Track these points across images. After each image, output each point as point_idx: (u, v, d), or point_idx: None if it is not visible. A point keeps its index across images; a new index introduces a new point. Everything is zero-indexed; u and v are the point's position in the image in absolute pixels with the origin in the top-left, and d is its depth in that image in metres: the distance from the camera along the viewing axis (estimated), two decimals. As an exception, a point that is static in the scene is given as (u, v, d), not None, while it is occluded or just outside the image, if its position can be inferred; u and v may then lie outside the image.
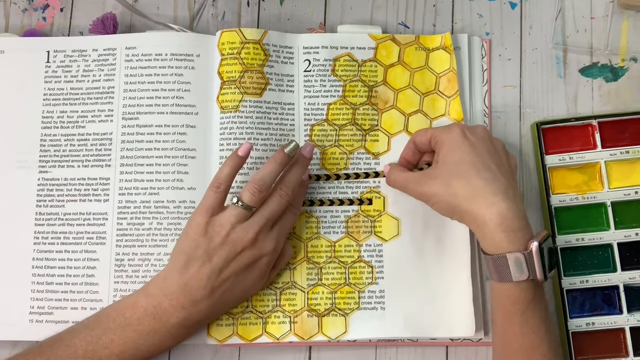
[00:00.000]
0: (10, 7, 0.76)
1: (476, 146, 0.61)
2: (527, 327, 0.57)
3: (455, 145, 0.61)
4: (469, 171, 0.59)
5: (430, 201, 0.62)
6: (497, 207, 0.56)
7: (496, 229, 0.56)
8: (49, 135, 0.70)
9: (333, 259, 0.68)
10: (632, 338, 0.68)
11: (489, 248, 0.57)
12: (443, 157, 0.61)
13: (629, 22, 0.74)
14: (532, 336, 0.57)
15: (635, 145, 0.70)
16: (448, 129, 0.63)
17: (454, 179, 0.59)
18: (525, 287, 0.57)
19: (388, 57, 0.71)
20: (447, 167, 0.60)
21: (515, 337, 0.58)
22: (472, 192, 0.58)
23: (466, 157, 0.60)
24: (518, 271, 0.56)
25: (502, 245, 0.56)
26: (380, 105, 0.71)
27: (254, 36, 0.70)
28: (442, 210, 0.61)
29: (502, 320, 0.59)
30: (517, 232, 0.56)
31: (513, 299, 0.57)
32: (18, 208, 0.69)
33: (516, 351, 0.58)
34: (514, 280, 0.56)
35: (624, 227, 0.69)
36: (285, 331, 0.66)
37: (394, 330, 0.67)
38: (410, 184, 0.63)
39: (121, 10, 0.74)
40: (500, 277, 0.57)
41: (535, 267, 0.56)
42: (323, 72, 0.71)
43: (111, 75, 0.70)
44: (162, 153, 0.68)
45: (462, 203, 0.58)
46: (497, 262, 0.56)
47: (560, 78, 0.73)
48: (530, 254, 0.56)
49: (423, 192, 0.62)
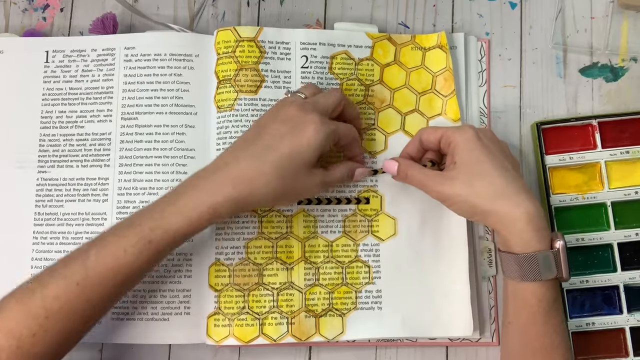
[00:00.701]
0: (10, 7, 0.76)
1: (490, 148, 0.61)
2: (550, 326, 0.57)
3: (472, 145, 0.61)
4: (490, 171, 0.59)
5: (450, 201, 0.61)
6: (524, 206, 0.57)
7: (525, 228, 0.56)
8: (47, 135, 0.70)
9: (330, 258, 0.68)
10: (632, 338, 0.68)
11: (517, 247, 0.57)
12: (461, 158, 0.61)
13: (629, 22, 0.74)
14: (554, 336, 0.57)
15: (635, 145, 0.70)
16: (461, 130, 0.62)
17: (476, 179, 0.59)
18: (551, 286, 0.57)
19: (384, 57, 0.71)
20: (467, 168, 0.60)
21: (537, 336, 0.58)
22: (495, 192, 0.58)
23: (485, 157, 0.60)
24: (547, 269, 0.56)
25: (532, 244, 0.56)
26: (376, 105, 0.71)
27: (249, 34, 0.70)
28: (462, 210, 0.61)
29: (524, 320, 0.58)
30: (543, 231, 0.57)
31: (538, 297, 0.57)
32: (17, 208, 0.69)
33: (536, 350, 0.58)
34: (542, 279, 0.56)
35: (624, 227, 0.69)
36: (282, 332, 0.66)
37: (392, 330, 0.67)
38: (429, 183, 0.62)
39: (121, 10, 0.75)
40: (524, 276, 0.57)
41: (562, 265, 0.56)
42: (320, 69, 0.70)
43: (110, 75, 0.71)
44: (161, 153, 0.69)
45: (486, 203, 0.58)
46: (525, 261, 0.56)
47: (560, 78, 0.73)
48: (558, 253, 0.56)
49: (443, 192, 0.61)
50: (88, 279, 0.55)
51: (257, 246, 0.67)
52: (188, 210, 0.57)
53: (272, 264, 0.67)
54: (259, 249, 0.67)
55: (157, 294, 0.67)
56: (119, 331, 0.67)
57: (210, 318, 0.66)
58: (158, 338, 0.67)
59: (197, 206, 0.57)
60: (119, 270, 0.56)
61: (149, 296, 0.67)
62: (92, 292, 0.55)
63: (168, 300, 0.67)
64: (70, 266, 0.56)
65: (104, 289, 0.56)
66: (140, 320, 0.67)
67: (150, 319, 0.67)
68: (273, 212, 0.68)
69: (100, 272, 0.55)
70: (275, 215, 0.68)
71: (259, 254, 0.67)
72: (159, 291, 0.67)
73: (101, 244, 0.56)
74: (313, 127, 0.59)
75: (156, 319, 0.67)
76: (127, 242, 0.56)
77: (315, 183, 0.62)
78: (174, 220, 0.57)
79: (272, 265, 0.67)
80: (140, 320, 0.67)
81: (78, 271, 0.55)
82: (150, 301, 0.67)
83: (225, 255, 0.67)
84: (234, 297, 0.66)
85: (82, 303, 0.55)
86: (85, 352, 0.69)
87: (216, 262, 0.67)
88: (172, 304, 0.67)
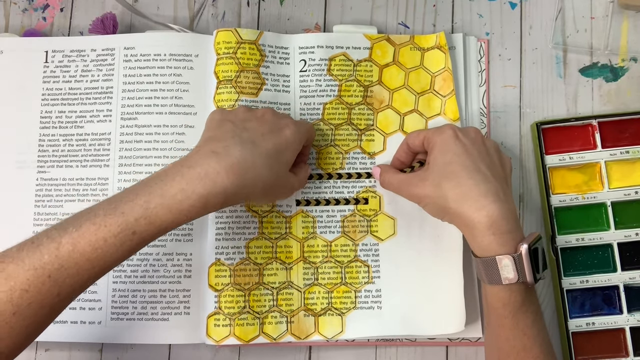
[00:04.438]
0: (10, 7, 0.76)
1: (467, 148, 0.60)
2: (518, 329, 0.57)
3: (447, 147, 0.60)
4: (459, 173, 0.58)
5: (422, 202, 0.62)
6: (486, 209, 0.56)
7: (485, 232, 0.56)
8: (47, 135, 0.70)
9: (329, 258, 0.68)
10: (632, 338, 0.68)
11: (479, 250, 0.57)
12: (434, 158, 0.61)
13: (629, 22, 0.74)
14: (524, 339, 0.57)
15: (635, 145, 0.70)
16: (440, 131, 0.62)
17: (444, 180, 0.59)
18: (516, 289, 0.56)
19: (383, 57, 0.71)
20: (437, 168, 0.60)
21: (507, 339, 0.57)
22: (462, 194, 0.57)
23: (457, 158, 0.59)
24: (507, 274, 0.55)
25: (492, 248, 0.56)
26: (375, 105, 0.71)
27: (250, 37, 0.70)
28: (433, 211, 0.61)
29: (494, 323, 0.58)
30: (507, 235, 0.56)
31: (504, 301, 0.57)
32: (16, 208, 0.69)
33: (508, 354, 0.57)
34: (503, 283, 0.56)
35: (624, 227, 0.69)
36: (282, 331, 0.66)
37: (391, 329, 0.67)
38: (402, 186, 0.64)
39: (121, 10, 0.75)
40: (490, 279, 0.56)
41: (525, 269, 0.55)
42: (319, 72, 0.70)
43: (110, 75, 0.71)
44: (161, 153, 0.69)
45: (452, 205, 0.58)
46: (486, 264, 0.56)
47: (560, 78, 0.73)
48: (520, 257, 0.55)
49: (414, 194, 0.62)
50: (62, 269, 0.50)
51: (258, 246, 0.68)
52: (177, 203, 0.53)
53: (271, 263, 0.67)
54: (260, 249, 0.68)
55: (157, 294, 0.67)
56: (119, 331, 0.67)
57: (210, 318, 0.66)
58: (158, 338, 0.67)
59: (188, 197, 0.53)
60: (97, 261, 0.51)
61: (149, 296, 0.67)
62: (64, 284, 0.51)
63: (168, 300, 0.67)
64: (41, 254, 0.50)
65: (79, 280, 0.51)
66: (140, 320, 0.67)
67: (150, 319, 0.67)
68: (273, 212, 0.68)
69: (76, 261, 0.51)
70: (275, 215, 0.68)
71: (259, 254, 0.67)
72: (159, 291, 0.67)
73: (78, 231, 0.51)
74: (290, 130, 0.61)
75: (156, 319, 0.67)
76: (108, 232, 0.51)
77: (291, 184, 0.64)
78: (162, 212, 0.53)
79: (272, 265, 0.67)
80: (140, 320, 0.67)
81: (50, 261, 0.50)
82: (150, 301, 0.67)
83: (225, 255, 0.67)
84: (235, 297, 0.66)
85: (53, 297, 0.50)
86: (85, 352, 0.69)
87: (216, 262, 0.67)
88: (172, 304, 0.67)
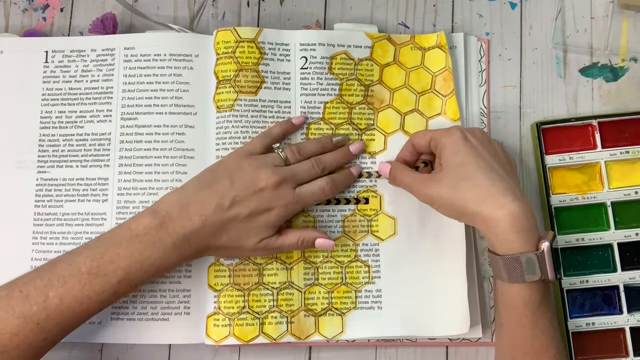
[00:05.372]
0: (10, 7, 0.76)
1: (478, 148, 0.61)
2: (537, 328, 0.57)
3: (457, 147, 0.61)
4: (474, 173, 0.59)
5: (436, 204, 0.62)
6: (508, 207, 0.56)
7: (508, 230, 0.56)
8: (47, 135, 0.70)
9: (330, 258, 0.68)
10: (632, 338, 0.68)
11: (501, 249, 0.57)
12: (446, 160, 0.61)
13: (629, 22, 0.74)
14: (542, 338, 0.57)
15: (635, 145, 0.70)
16: (448, 132, 0.62)
17: (461, 181, 0.59)
18: (536, 288, 0.57)
19: (384, 57, 0.71)
20: (451, 170, 0.60)
21: (526, 339, 0.57)
22: (480, 194, 0.58)
23: (470, 159, 0.60)
24: (530, 272, 0.56)
25: (515, 246, 0.56)
26: (376, 105, 0.71)
27: (249, 35, 0.70)
28: (449, 212, 0.61)
29: (512, 322, 0.58)
30: (528, 233, 0.56)
31: (524, 300, 0.57)
32: (16, 208, 0.69)
33: (526, 353, 0.57)
34: (526, 280, 0.56)
35: (624, 227, 0.69)
36: (282, 331, 0.66)
37: (391, 329, 0.67)
38: (415, 185, 0.63)
39: (121, 10, 0.75)
40: (510, 277, 0.57)
41: (547, 267, 0.56)
42: (320, 70, 0.70)
43: (110, 75, 0.71)
44: (161, 153, 0.69)
45: (471, 205, 0.58)
46: (508, 263, 0.56)
47: (560, 78, 0.73)
48: (542, 254, 0.56)
49: (428, 195, 0.62)
50: (50, 319, 0.56)
51: (258, 246, 0.67)
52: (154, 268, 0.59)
53: (271, 263, 0.67)
54: (260, 249, 0.67)
55: (157, 294, 0.67)
56: (119, 331, 0.67)
57: (209, 318, 0.66)
58: (158, 338, 0.67)
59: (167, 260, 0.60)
60: (81, 313, 0.57)
61: (149, 296, 0.67)
62: (51, 331, 0.56)
63: (168, 300, 0.67)
64: (30, 305, 0.56)
65: (65, 327, 0.57)
66: (140, 320, 0.67)
67: (150, 319, 0.67)
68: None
69: (62, 313, 0.56)
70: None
71: (259, 254, 0.68)
72: (159, 291, 0.67)
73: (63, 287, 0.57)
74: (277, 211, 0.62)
75: (156, 319, 0.67)
76: (92, 291, 0.57)
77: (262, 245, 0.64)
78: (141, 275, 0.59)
79: (272, 265, 0.67)
80: (140, 320, 0.67)
81: (38, 311, 0.56)
82: (150, 301, 0.67)
83: (225, 255, 0.67)
84: (234, 297, 0.66)
85: (40, 341, 0.56)
86: (85, 352, 0.69)
87: (216, 262, 0.67)
88: (172, 304, 0.67)
